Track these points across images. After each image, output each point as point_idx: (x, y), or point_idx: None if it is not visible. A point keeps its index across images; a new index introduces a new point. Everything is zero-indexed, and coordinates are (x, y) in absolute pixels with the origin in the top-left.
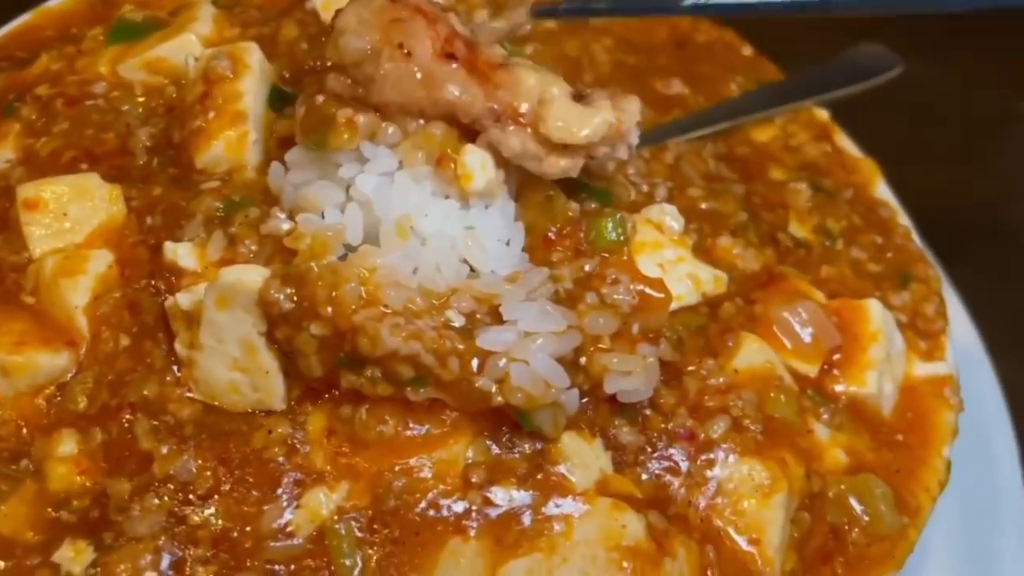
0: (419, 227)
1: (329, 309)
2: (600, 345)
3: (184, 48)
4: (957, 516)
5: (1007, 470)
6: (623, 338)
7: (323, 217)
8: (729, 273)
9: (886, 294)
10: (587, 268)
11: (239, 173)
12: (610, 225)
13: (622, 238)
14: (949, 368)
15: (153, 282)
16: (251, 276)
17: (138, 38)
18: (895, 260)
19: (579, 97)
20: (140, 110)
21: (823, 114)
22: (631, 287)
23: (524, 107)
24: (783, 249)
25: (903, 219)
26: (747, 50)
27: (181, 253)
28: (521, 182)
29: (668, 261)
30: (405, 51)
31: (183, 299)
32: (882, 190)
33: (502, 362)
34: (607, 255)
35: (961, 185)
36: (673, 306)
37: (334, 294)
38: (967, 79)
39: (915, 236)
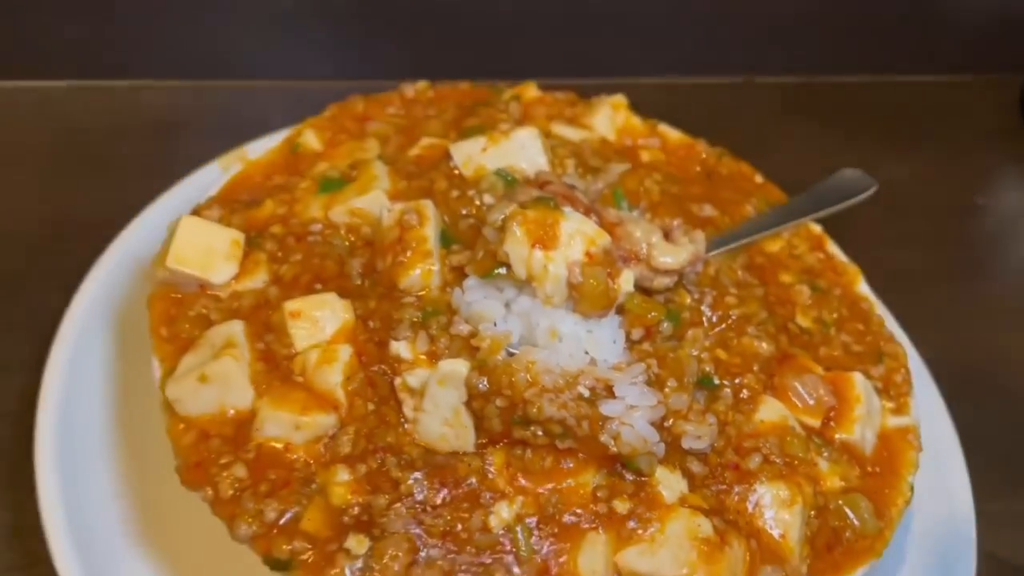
0: (559, 331)
1: (508, 391)
2: (679, 411)
3: (377, 201)
4: (923, 531)
5: (961, 493)
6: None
7: (495, 325)
8: (755, 360)
9: (867, 368)
10: (671, 356)
11: (427, 292)
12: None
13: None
14: (912, 421)
15: (382, 367)
16: (460, 367)
17: (338, 190)
18: (872, 342)
19: (666, 233)
20: (347, 244)
21: (816, 228)
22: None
23: (641, 250)
24: (792, 335)
25: (879, 310)
26: (759, 178)
27: (401, 348)
28: None
29: None
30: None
31: (411, 379)
32: (863, 288)
33: (615, 424)
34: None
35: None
36: None
37: (512, 379)
38: (929, 179)
39: (887, 323)
